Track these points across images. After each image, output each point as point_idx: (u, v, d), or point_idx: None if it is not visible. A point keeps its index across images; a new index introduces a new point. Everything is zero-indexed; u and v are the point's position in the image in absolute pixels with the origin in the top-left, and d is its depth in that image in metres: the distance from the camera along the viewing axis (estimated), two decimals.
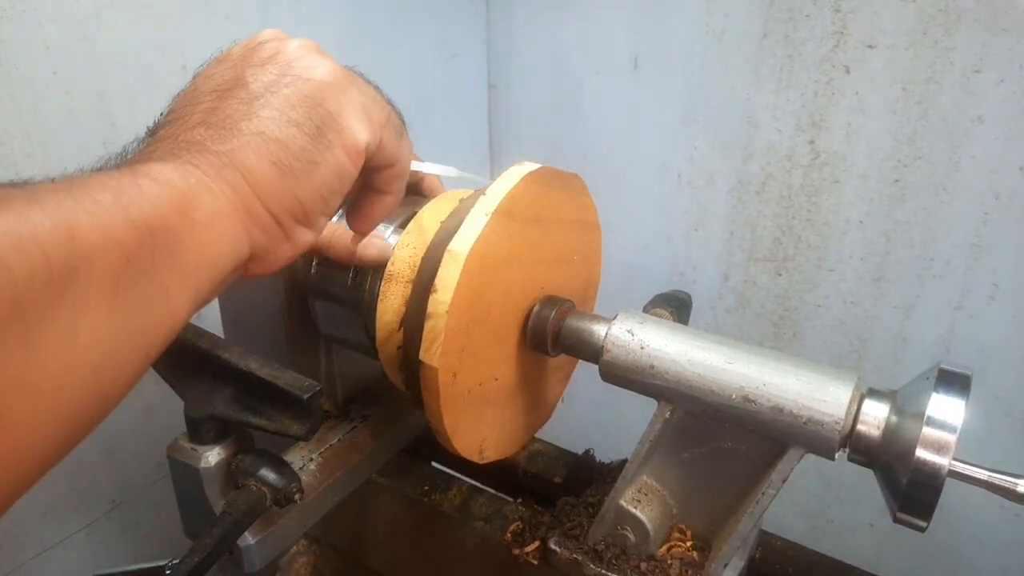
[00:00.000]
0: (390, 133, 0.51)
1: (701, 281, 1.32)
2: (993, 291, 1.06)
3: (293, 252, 0.47)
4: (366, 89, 0.50)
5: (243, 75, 0.45)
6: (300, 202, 0.45)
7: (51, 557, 0.85)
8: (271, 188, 0.43)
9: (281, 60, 0.46)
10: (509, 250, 0.59)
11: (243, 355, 0.54)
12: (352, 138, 0.46)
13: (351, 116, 0.46)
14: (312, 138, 0.44)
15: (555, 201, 0.65)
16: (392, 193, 0.54)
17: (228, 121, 0.43)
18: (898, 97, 1.04)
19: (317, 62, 0.47)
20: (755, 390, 0.53)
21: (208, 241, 0.40)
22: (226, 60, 0.47)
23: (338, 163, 0.46)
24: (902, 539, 1.24)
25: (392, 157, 0.52)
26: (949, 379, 0.50)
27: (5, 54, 0.69)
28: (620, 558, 0.60)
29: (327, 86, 0.46)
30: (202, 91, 0.45)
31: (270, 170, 0.43)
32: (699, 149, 1.23)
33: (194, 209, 0.39)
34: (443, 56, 1.30)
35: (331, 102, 0.45)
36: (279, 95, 0.44)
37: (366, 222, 0.55)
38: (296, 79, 0.45)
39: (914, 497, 0.48)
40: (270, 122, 0.43)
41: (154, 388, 0.89)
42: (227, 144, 0.42)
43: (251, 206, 0.43)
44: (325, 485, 0.67)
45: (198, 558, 0.51)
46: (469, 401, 0.60)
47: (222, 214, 0.41)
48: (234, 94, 0.44)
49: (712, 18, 1.15)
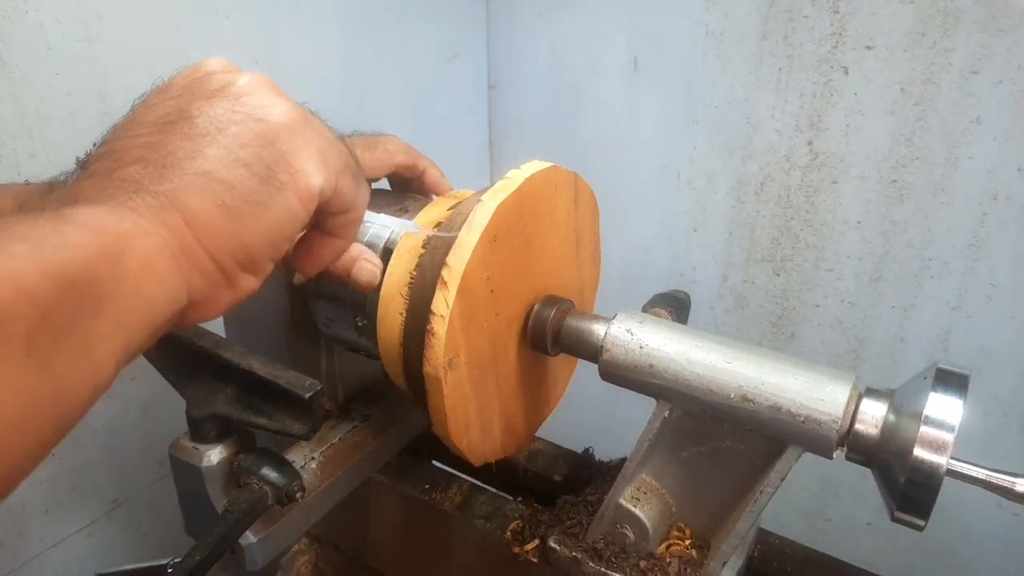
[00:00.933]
0: (347, 179, 0.47)
1: (700, 281, 1.32)
2: (991, 291, 1.06)
3: (235, 299, 0.44)
4: (323, 131, 0.46)
5: (188, 108, 0.41)
6: (246, 247, 0.41)
7: (52, 556, 0.85)
8: (214, 232, 0.40)
9: (231, 94, 0.42)
10: (508, 254, 0.60)
11: (244, 354, 0.54)
12: (306, 181, 0.43)
13: (305, 159, 0.43)
14: (262, 179, 0.41)
15: (555, 201, 0.66)
16: (344, 238, 0.52)
17: (170, 158, 0.39)
18: (896, 98, 1.04)
19: (271, 100, 0.43)
20: (753, 389, 0.53)
21: (142, 291, 0.37)
22: (169, 90, 0.43)
23: (289, 207, 0.42)
24: (900, 538, 1.25)
25: (348, 203, 0.48)
26: (947, 378, 0.50)
27: (7, 55, 0.70)
28: (619, 556, 0.60)
29: (282, 128, 0.42)
30: (141, 123, 0.41)
31: (214, 213, 0.39)
32: (698, 149, 1.24)
33: (127, 256, 0.36)
34: (443, 56, 1.30)
35: (285, 143, 0.42)
36: (227, 132, 0.41)
37: (313, 264, 0.52)
38: (247, 117, 0.42)
39: (912, 496, 0.48)
40: (216, 161, 0.40)
41: (155, 387, 0.89)
42: (167, 184, 0.38)
43: (191, 251, 0.39)
44: (326, 484, 0.67)
45: (200, 557, 0.51)
46: (472, 405, 0.61)
47: (159, 261, 0.38)
48: (177, 128, 0.40)
49: (711, 19, 1.15)
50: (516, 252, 0.61)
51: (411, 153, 0.76)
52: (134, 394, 0.89)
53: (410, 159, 0.76)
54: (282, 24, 0.97)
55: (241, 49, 0.92)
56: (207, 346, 0.55)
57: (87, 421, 0.84)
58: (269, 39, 0.95)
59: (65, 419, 0.35)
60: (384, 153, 0.74)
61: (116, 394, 0.87)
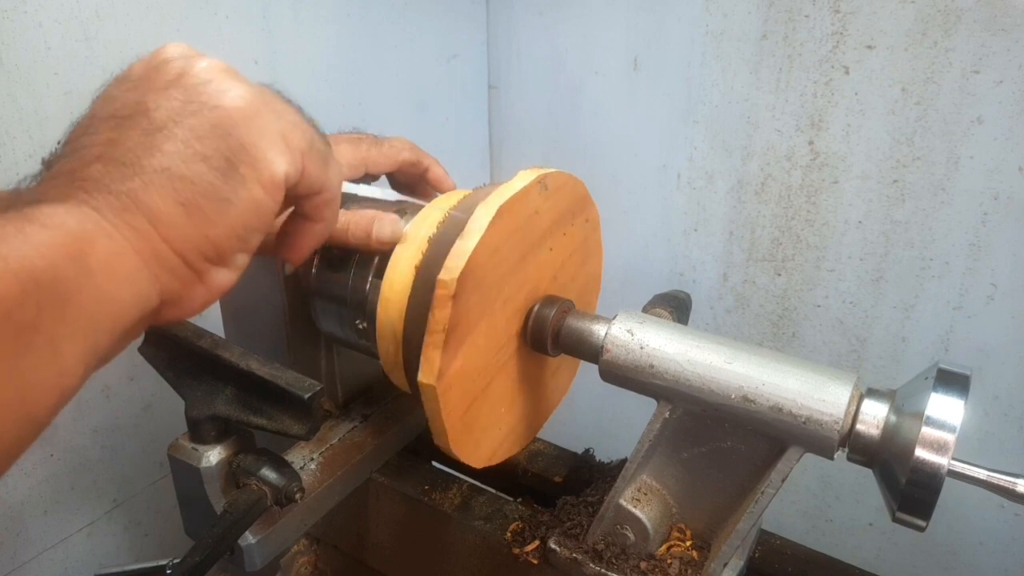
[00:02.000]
0: (313, 159, 0.46)
1: (701, 281, 1.32)
2: (992, 291, 1.06)
3: (210, 295, 0.43)
4: (285, 112, 0.45)
5: (144, 100, 0.41)
6: (212, 243, 0.41)
7: (52, 556, 0.85)
8: (179, 230, 0.39)
9: (186, 83, 0.41)
10: (507, 256, 0.59)
11: (244, 355, 0.54)
12: (269, 170, 0.42)
13: (266, 146, 0.42)
14: (222, 173, 0.40)
15: (555, 202, 0.65)
16: (322, 220, 0.51)
17: (129, 156, 0.39)
18: (897, 98, 1.04)
19: (227, 86, 0.42)
20: (754, 390, 0.53)
21: (107, 290, 0.36)
22: (126, 80, 0.43)
23: (253, 198, 0.42)
24: (901, 538, 1.25)
25: (317, 184, 0.47)
26: (948, 379, 0.50)
27: (6, 54, 0.69)
28: (620, 557, 0.60)
29: (238, 113, 0.41)
30: (100, 118, 0.41)
31: (176, 211, 0.39)
32: (699, 149, 1.24)
33: (90, 256, 0.35)
34: (443, 57, 1.30)
35: (243, 131, 0.41)
36: (184, 125, 0.40)
37: (296, 252, 0.52)
38: (203, 106, 0.41)
39: (913, 497, 0.48)
40: (175, 157, 0.39)
41: (155, 387, 0.89)
42: (128, 183, 0.38)
43: (157, 249, 0.39)
44: (326, 484, 0.67)
45: (199, 557, 0.51)
46: (471, 409, 0.61)
47: (124, 260, 0.37)
48: (135, 123, 0.40)
49: (711, 18, 1.15)
50: (515, 254, 0.61)
51: (416, 150, 0.78)
52: (134, 394, 0.89)
53: (414, 156, 0.77)
54: (282, 24, 0.97)
55: (241, 49, 0.92)
56: (206, 346, 0.54)
57: (87, 421, 0.84)
58: (269, 39, 0.95)
59: (31, 421, 0.34)
60: (390, 149, 0.75)
61: (116, 394, 0.87)
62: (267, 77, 0.95)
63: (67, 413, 0.83)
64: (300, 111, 0.48)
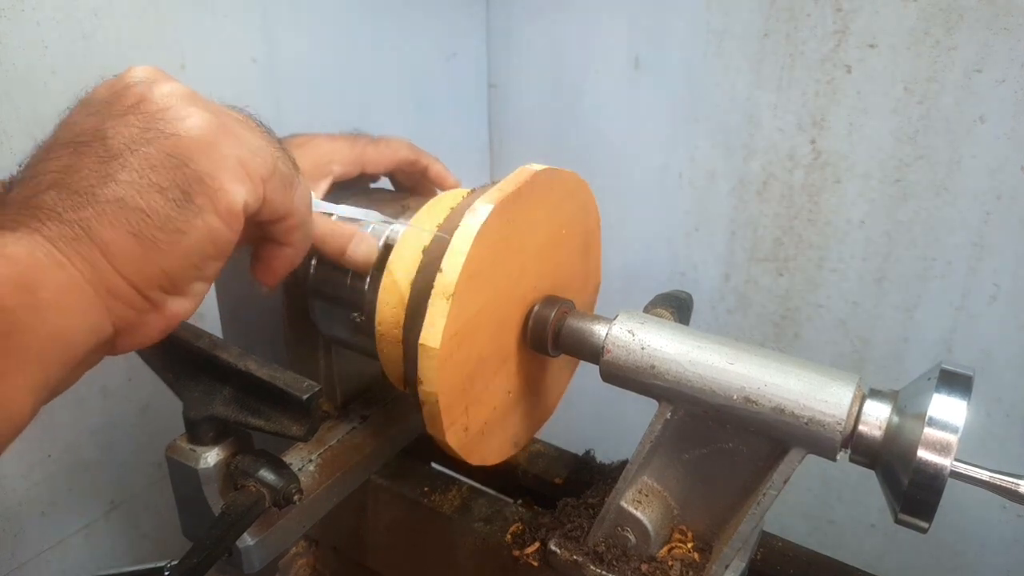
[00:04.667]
0: (275, 186, 0.45)
1: (702, 281, 1.32)
2: (995, 291, 1.06)
3: (167, 323, 0.43)
4: (246, 138, 0.44)
5: (103, 127, 0.40)
6: (167, 273, 0.41)
7: (50, 558, 0.85)
8: (132, 261, 0.39)
9: (145, 110, 0.41)
10: (506, 256, 0.59)
11: (242, 355, 0.54)
12: (226, 200, 0.41)
13: (224, 175, 0.41)
14: (177, 204, 0.40)
15: (555, 201, 0.65)
16: (291, 245, 0.50)
17: (83, 184, 0.38)
18: (899, 96, 1.04)
19: (185, 112, 0.41)
20: (756, 391, 0.52)
21: (58, 322, 0.36)
22: (89, 104, 0.42)
23: (210, 229, 0.41)
24: (903, 540, 1.24)
25: (282, 210, 0.47)
26: (951, 379, 0.50)
27: (4, 53, 0.69)
28: (621, 559, 0.60)
29: (194, 142, 0.40)
30: (60, 143, 0.40)
31: (130, 242, 0.38)
32: (700, 149, 1.23)
33: (40, 287, 0.35)
34: (443, 56, 1.30)
35: (200, 160, 0.40)
36: (139, 154, 0.39)
37: (269, 276, 0.52)
38: (159, 134, 0.40)
39: (916, 498, 0.48)
40: (129, 187, 0.38)
41: (153, 388, 0.89)
42: (81, 212, 0.37)
43: (109, 281, 0.38)
44: (324, 486, 0.66)
45: (197, 559, 0.51)
46: (471, 410, 0.60)
47: (75, 291, 0.37)
48: (91, 150, 0.39)
49: (713, 17, 1.14)
50: (515, 254, 0.60)
51: (414, 149, 0.77)
52: (132, 395, 0.88)
53: (413, 155, 0.76)
54: (281, 23, 0.96)
55: (239, 48, 0.91)
56: (204, 347, 0.54)
57: (85, 422, 0.84)
58: (267, 38, 0.95)
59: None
60: (387, 148, 0.74)
61: (114, 394, 0.86)
62: (266, 76, 0.95)
63: (65, 414, 0.83)
64: (267, 133, 0.47)
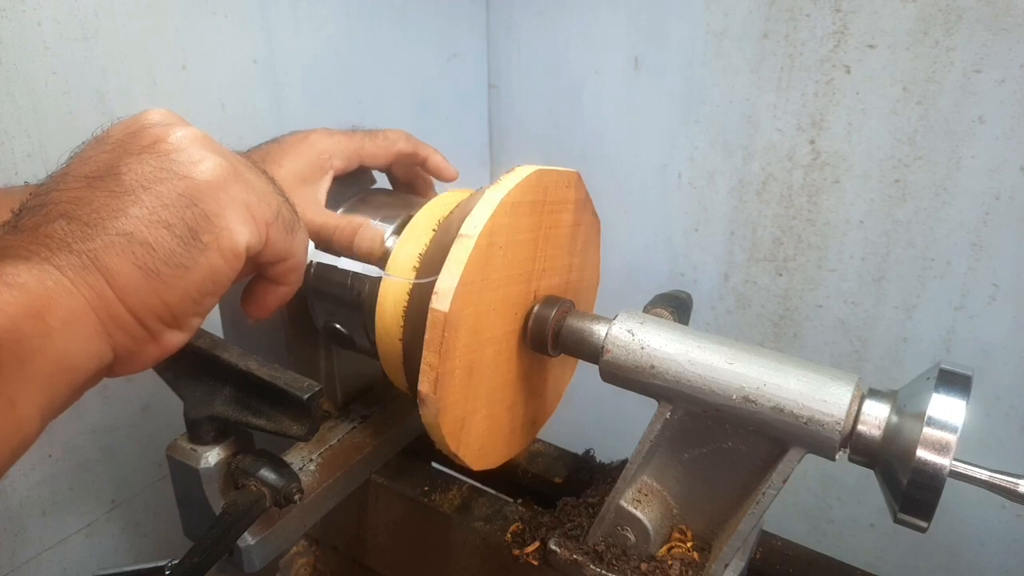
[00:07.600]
0: (278, 230, 0.48)
1: (701, 281, 1.32)
2: (994, 291, 1.06)
3: (161, 353, 0.45)
4: (254, 184, 0.46)
5: (117, 164, 0.41)
6: (168, 306, 0.42)
7: (51, 557, 0.85)
8: (136, 293, 0.40)
9: (160, 150, 0.42)
10: (505, 257, 0.59)
11: (243, 355, 0.54)
12: (230, 240, 0.43)
13: (231, 216, 0.43)
14: (183, 241, 0.41)
15: (554, 201, 0.65)
16: (287, 284, 0.53)
17: (93, 216, 0.40)
18: (898, 97, 1.04)
19: (199, 156, 0.43)
20: (756, 390, 0.53)
21: (65, 347, 0.37)
22: (104, 142, 0.44)
23: (212, 266, 0.43)
24: (903, 539, 1.24)
25: (281, 253, 0.49)
26: (950, 379, 0.50)
27: (4, 54, 0.69)
28: (620, 559, 0.60)
29: (205, 184, 0.42)
30: (72, 176, 0.42)
31: (135, 274, 0.40)
32: (699, 149, 1.23)
33: (50, 314, 0.36)
34: (443, 56, 1.30)
35: (209, 202, 0.42)
36: (151, 191, 0.41)
37: (260, 309, 0.54)
38: (173, 175, 0.42)
39: (915, 497, 0.48)
40: (138, 222, 0.40)
41: (154, 388, 0.89)
42: (90, 243, 0.39)
43: (114, 310, 0.40)
44: (325, 485, 0.66)
45: (197, 558, 0.51)
46: (471, 412, 0.60)
47: (82, 319, 0.38)
48: (104, 185, 0.41)
49: (712, 18, 1.14)
50: (514, 255, 0.60)
51: (412, 141, 0.76)
52: (133, 394, 0.88)
53: (411, 147, 0.75)
54: (281, 23, 0.96)
55: (240, 48, 0.92)
56: (205, 347, 0.54)
57: (85, 422, 0.84)
58: (268, 38, 0.95)
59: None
60: (384, 141, 0.74)
61: (114, 394, 0.86)
62: (266, 76, 0.95)
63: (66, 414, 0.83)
64: (271, 181, 0.49)
